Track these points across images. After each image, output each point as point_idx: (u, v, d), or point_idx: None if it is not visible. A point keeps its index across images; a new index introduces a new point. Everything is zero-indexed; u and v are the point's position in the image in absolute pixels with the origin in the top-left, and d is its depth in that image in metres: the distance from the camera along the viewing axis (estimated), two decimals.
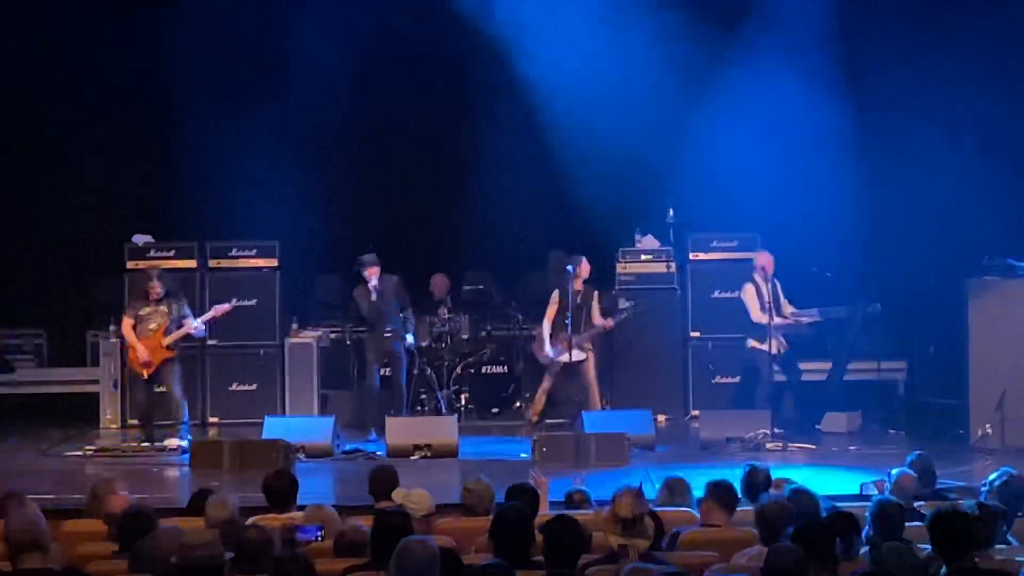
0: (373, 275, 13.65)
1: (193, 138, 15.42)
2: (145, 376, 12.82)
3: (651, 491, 7.98)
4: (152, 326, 12.84)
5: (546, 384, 13.75)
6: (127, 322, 12.95)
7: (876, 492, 8.40)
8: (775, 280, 13.57)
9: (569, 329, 13.33)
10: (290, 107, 15.21)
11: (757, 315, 13.42)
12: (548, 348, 13.59)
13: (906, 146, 14.65)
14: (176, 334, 12.83)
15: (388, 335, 13.71)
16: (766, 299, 13.34)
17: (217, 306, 13.42)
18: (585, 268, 13.61)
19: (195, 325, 12.94)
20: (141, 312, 12.89)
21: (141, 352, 12.74)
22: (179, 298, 13.04)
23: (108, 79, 15.41)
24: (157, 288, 12.85)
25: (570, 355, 13.34)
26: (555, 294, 13.57)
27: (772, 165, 14.62)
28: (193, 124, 15.39)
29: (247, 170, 15.18)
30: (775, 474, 8.20)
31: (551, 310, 13.58)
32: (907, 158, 14.69)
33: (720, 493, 7.53)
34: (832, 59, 14.61)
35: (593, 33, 14.80)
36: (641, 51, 14.65)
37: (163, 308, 12.87)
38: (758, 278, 13.51)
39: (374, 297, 13.64)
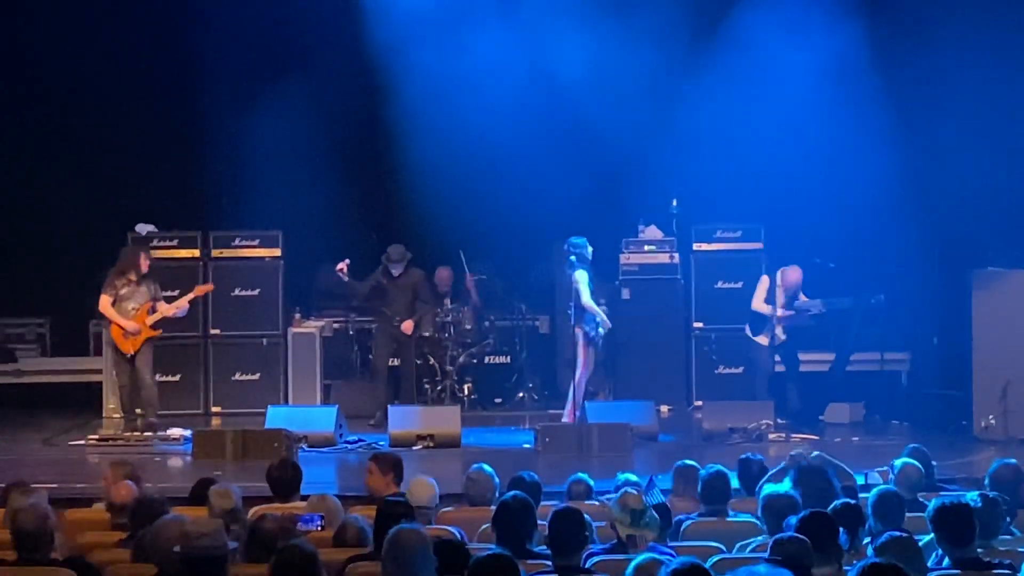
0: (396, 266, 13.73)
1: (197, 128, 15.40)
2: (129, 353, 12.78)
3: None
4: (133, 306, 12.79)
5: (588, 371, 12.95)
6: (105, 300, 12.85)
7: (881, 481, 8.40)
8: (799, 291, 13.48)
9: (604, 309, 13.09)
10: (295, 98, 15.18)
11: (758, 304, 13.42)
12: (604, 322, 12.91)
13: (908, 138, 14.63)
14: (159, 313, 12.79)
15: (396, 323, 13.78)
16: (776, 296, 13.32)
17: (198, 286, 13.48)
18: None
19: (175, 306, 12.91)
20: (121, 291, 12.84)
21: (128, 324, 12.67)
22: (156, 281, 13.02)
23: (112, 70, 15.38)
24: (147, 264, 12.83)
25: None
26: (583, 274, 12.78)
27: (776, 156, 14.59)
28: (197, 114, 15.38)
29: (251, 160, 15.17)
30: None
31: (585, 289, 12.71)
32: (910, 150, 14.67)
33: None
34: (837, 50, 14.59)
35: (594, 24, 14.77)
36: (644, 41, 14.63)
37: (142, 289, 12.84)
38: (779, 280, 13.40)
39: (386, 282, 13.73)
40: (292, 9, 15.32)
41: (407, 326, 13.84)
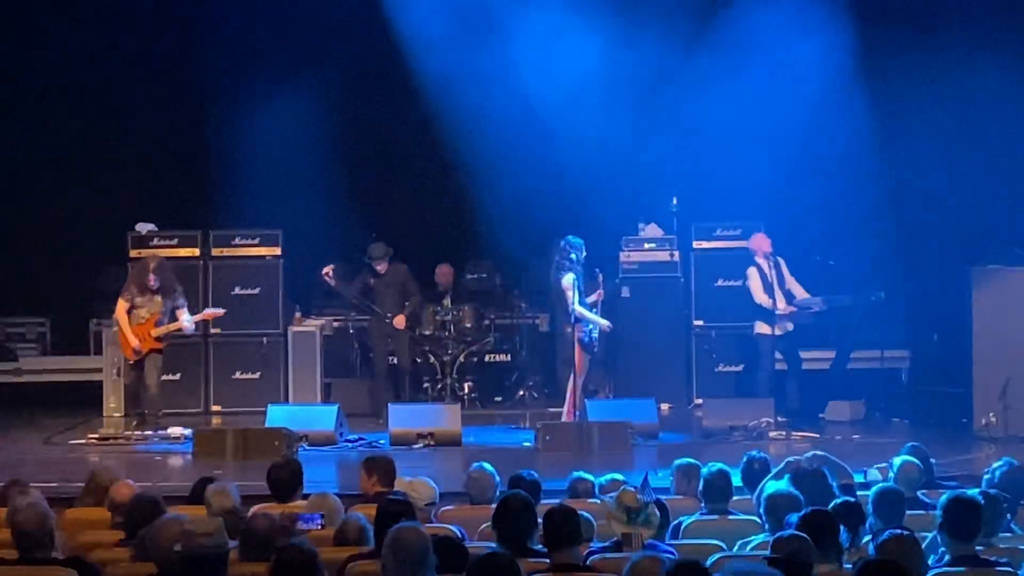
0: (379, 264, 13.80)
1: (197, 127, 15.41)
2: (131, 361, 12.83)
3: (655, 481, 7.97)
4: (144, 314, 12.84)
5: (583, 374, 12.85)
6: (122, 305, 12.91)
7: (879, 477, 8.40)
8: (777, 258, 13.52)
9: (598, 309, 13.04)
10: (295, 97, 15.20)
11: (760, 297, 13.41)
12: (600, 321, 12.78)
13: (909, 134, 14.64)
14: (167, 328, 12.81)
15: (388, 319, 13.85)
16: (769, 281, 13.33)
17: (209, 309, 13.54)
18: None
19: (186, 323, 12.91)
20: (137, 298, 12.88)
21: (132, 340, 12.75)
22: (174, 290, 13.01)
23: (113, 69, 15.38)
24: (152, 281, 12.84)
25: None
26: (571, 278, 12.62)
27: (776, 153, 14.59)
28: (197, 113, 15.39)
29: (251, 159, 15.18)
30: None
31: (574, 295, 12.57)
32: (910, 146, 14.67)
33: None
34: (837, 48, 14.59)
35: (595, 22, 14.77)
36: (644, 39, 14.63)
37: (157, 299, 12.86)
38: (760, 260, 13.49)
39: (373, 281, 13.80)
40: (292, 9, 15.32)
41: (399, 321, 13.95)
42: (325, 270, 13.73)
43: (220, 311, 13.62)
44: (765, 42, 14.62)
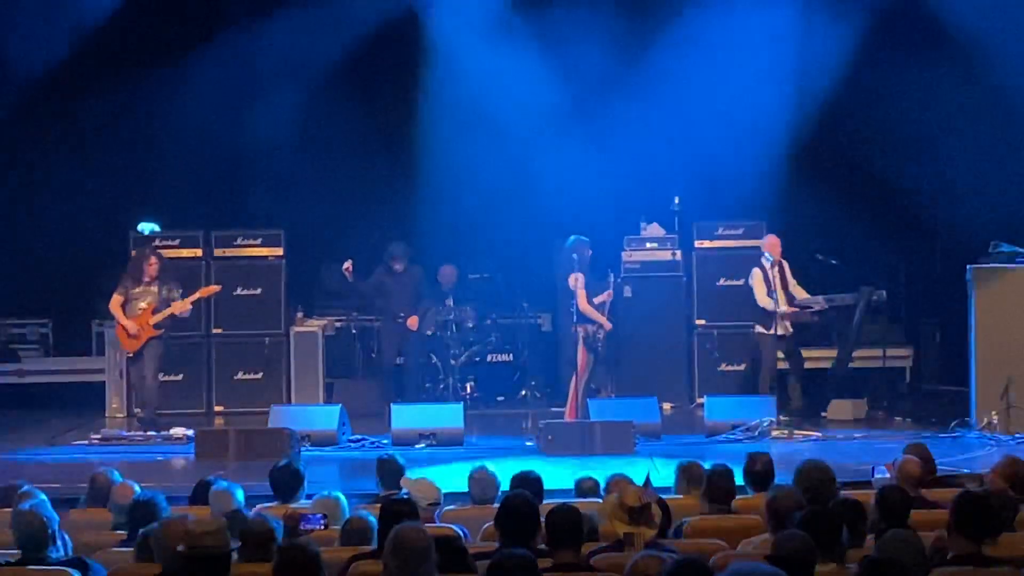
0: (398, 263, 13.84)
1: (197, 127, 15.40)
2: (130, 353, 12.85)
3: (656, 478, 7.98)
4: (142, 304, 12.87)
5: (586, 373, 12.99)
6: (116, 299, 12.94)
7: (887, 474, 8.40)
8: (782, 262, 13.51)
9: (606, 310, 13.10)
10: (297, 97, 15.21)
11: (762, 300, 13.41)
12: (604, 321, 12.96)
13: (909, 133, 14.64)
14: (163, 313, 12.83)
15: (401, 319, 13.90)
16: (772, 284, 13.33)
17: (203, 288, 13.51)
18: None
19: (181, 304, 12.93)
20: (132, 291, 12.91)
21: (129, 326, 12.76)
22: (172, 282, 13.05)
23: (113, 69, 15.38)
24: (155, 266, 12.87)
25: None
26: (580, 277, 12.84)
27: (777, 152, 14.60)
28: (197, 113, 15.38)
29: (253, 159, 15.18)
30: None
31: (585, 292, 12.85)
32: (910, 146, 14.68)
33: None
34: (836, 48, 14.60)
35: (597, 22, 14.78)
36: (644, 38, 14.64)
37: (153, 289, 12.90)
38: (764, 262, 13.49)
39: (389, 280, 13.84)
40: (294, 11, 15.33)
41: (412, 321, 14.00)
42: (346, 265, 13.79)
43: (216, 287, 13.67)
44: (767, 40, 14.63)
